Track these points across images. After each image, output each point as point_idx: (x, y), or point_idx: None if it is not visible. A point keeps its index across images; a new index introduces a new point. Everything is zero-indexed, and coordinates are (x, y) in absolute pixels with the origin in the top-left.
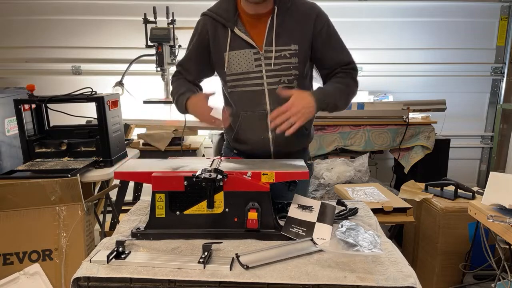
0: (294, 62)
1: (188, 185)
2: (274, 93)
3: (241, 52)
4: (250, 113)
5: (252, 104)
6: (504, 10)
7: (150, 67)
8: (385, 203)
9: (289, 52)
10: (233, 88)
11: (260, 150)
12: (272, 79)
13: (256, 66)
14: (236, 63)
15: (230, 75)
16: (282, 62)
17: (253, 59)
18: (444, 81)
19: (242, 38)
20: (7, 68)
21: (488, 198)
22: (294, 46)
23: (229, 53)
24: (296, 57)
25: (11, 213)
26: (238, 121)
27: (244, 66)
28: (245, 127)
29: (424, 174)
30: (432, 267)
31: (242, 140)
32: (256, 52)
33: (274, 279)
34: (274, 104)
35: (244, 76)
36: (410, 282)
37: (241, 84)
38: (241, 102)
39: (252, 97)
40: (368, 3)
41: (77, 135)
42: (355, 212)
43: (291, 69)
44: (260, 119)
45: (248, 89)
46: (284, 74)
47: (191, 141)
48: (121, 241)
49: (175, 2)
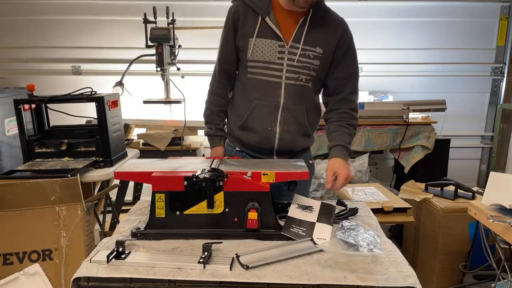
0: (316, 64)
1: (188, 185)
2: (289, 87)
3: (267, 41)
4: (263, 102)
5: (267, 94)
6: (504, 10)
7: (150, 67)
8: (385, 203)
9: (313, 53)
10: (251, 75)
11: (264, 142)
12: (291, 74)
13: (278, 58)
14: (260, 50)
15: (252, 61)
16: (305, 61)
17: (277, 51)
18: (444, 81)
19: (271, 28)
20: (7, 68)
21: (488, 198)
22: (319, 49)
23: (256, 40)
24: (318, 59)
25: (11, 213)
26: (250, 109)
27: (267, 55)
28: (255, 116)
29: (424, 174)
30: (432, 267)
31: (250, 128)
32: (281, 45)
33: (274, 279)
34: (288, 98)
35: (265, 65)
36: (410, 282)
37: (260, 73)
38: (257, 90)
39: (268, 87)
40: (368, 3)
41: (77, 135)
42: (355, 212)
43: (311, 70)
44: (271, 110)
45: (266, 79)
46: (303, 73)
47: (191, 141)
48: (121, 241)
49: (175, 2)
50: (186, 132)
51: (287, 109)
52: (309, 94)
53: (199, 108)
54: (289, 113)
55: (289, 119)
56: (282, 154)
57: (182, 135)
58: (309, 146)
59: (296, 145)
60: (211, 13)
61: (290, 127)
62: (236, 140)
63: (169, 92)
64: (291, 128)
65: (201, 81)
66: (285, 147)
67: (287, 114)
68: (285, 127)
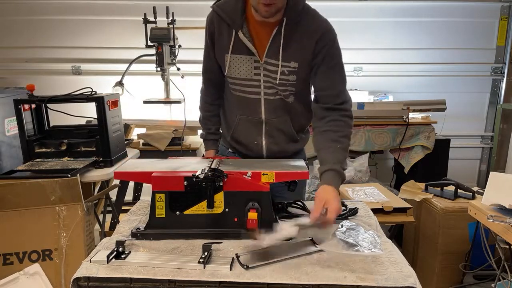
0: (292, 80)
1: (188, 185)
2: (269, 102)
3: (242, 57)
4: (246, 117)
5: (249, 110)
6: (504, 10)
7: (150, 67)
8: (385, 203)
9: (287, 69)
10: (233, 91)
11: (253, 153)
12: (269, 89)
13: (255, 75)
14: (236, 67)
15: (230, 77)
16: (280, 78)
17: (253, 67)
18: (444, 81)
19: (244, 43)
20: (7, 68)
21: (488, 198)
22: (294, 63)
23: (231, 56)
24: (294, 74)
25: (11, 213)
26: (235, 122)
27: (243, 73)
28: (241, 129)
29: (424, 174)
30: (432, 267)
31: (238, 141)
32: (256, 60)
33: (274, 279)
34: (270, 113)
35: (243, 82)
36: (410, 282)
37: (239, 89)
38: (239, 106)
39: (248, 103)
40: (367, 3)
41: (77, 135)
42: (355, 212)
43: (287, 86)
44: (255, 125)
45: (245, 96)
46: (280, 89)
47: (191, 141)
48: (121, 241)
49: (175, 2)
50: (186, 132)
51: (271, 123)
52: (293, 106)
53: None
54: (273, 126)
55: (273, 132)
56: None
57: (182, 135)
58: (300, 149)
59: (285, 152)
60: None
61: (276, 139)
62: (229, 144)
63: (169, 92)
64: (277, 139)
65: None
66: (274, 155)
67: (271, 127)
68: (271, 140)
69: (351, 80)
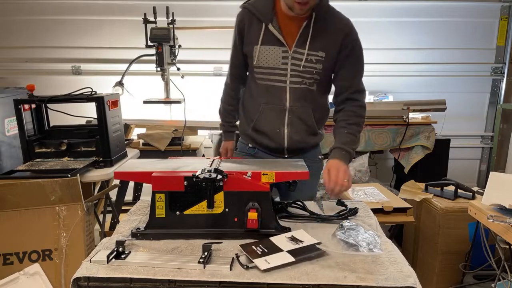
0: (318, 68)
1: (188, 185)
2: (294, 91)
3: (271, 48)
4: (270, 106)
5: (274, 98)
6: (504, 10)
7: (150, 67)
8: (385, 203)
9: (315, 57)
10: (258, 80)
11: (275, 143)
12: (295, 78)
13: (282, 64)
14: (265, 57)
15: (258, 67)
16: (307, 66)
17: (281, 56)
18: (444, 81)
19: (274, 35)
20: (7, 68)
21: (488, 198)
22: (322, 53)
23: (260, 47)
24: (321, 63)
25: (11, 213)
26: (259, 112)
27: (271, 62)
28: (264, 119)
29: (424, 174)
30: (432, 267)
31: (260, 131)
32: (285, 50)
33: (274, 279)
34: (294, 101)
35: (270, 70)
36: (410, 282)
37: (266, 78)
38: (264, 95)
39: (274, 91)
40: (368, 3)
41: (77, 135)
42: (355, 212)
43: (314, 74)
44: (278, 113)
45: (271, 84)
46: (306, 77)
47: (191, 141)
48: (121, 241)
49: (175, 2)
50: (186, 132)
51: (294, 112)
52: (315, 96)
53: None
54: (295, 115)
55: (296, 121)
56: (293, 152)
57: (182, 135)
58: (318, 143)
59: (305, 144)
60: (211, 13)
61: (298, 128)
62: (249, 138)
63: (169, 92)
64: (299, 129)
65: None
66: (294, 146)
67: (293, 116)
68: (293, 129)
69: None
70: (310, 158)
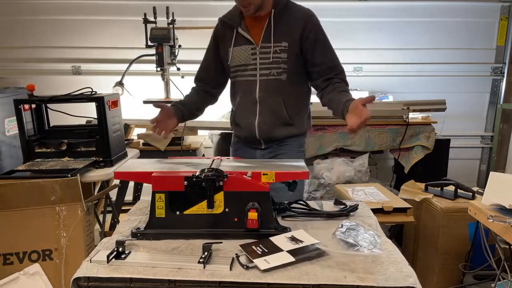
0: (284, 57)
1: (188, 185)
2: (263, 83)
3: (242, 47)
4: (244, 99)
5: (246, 92)
6: (504, 10)
7: (150, 67)
8: (385, 203)
9: (279, 48)
10: (234, 78)
11: (249, 134)
12: (264, 70)
13: (252, 60)
14: (237, 56)
15: (233, 67)
16: (273, 57)
17: (250, 53)
18: (444, 81)
19: (244, 36)
20: (7, 68)
21: (488, 198)
22: (284, 43)
23: (233, 49)
24: (285, 52)
25: (11, 213)
26: (236, 106)
27: (243, 59)
28: (239, 111)
29: (424, 174)
30: (432, 267)
31: (236, 123)
32: (253, 47)
33: (274, 279)
34: (263, 92)
35: (242, 68)
36: (410, 282)
37: (240, 75)
38: (239, 90)
39: (246, 86)
40: (368, 3)
41: (77, 135)
42: (356, 208)
43: (280, 63)
44: (251, 105)
45: (244, 79)
46: (273, 67)
47: (191, 141)
48: (121, 241)
49: (175, 2)
50: (186, 132)
51: (263, 103)
52: (285, 87)
53: None
54: (265, 107)
55: (265, 112)
56: (268, 142)
57: (182, 135)
58: (295, 134)
59: (276, 134)
60: (211, 13)
61: (267, 118)
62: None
63: (169, 92)
64: (267, 119)
65: None
66: (265, 136)
67: (263, 107)
68: (262, 119)
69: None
70: (290, 149)
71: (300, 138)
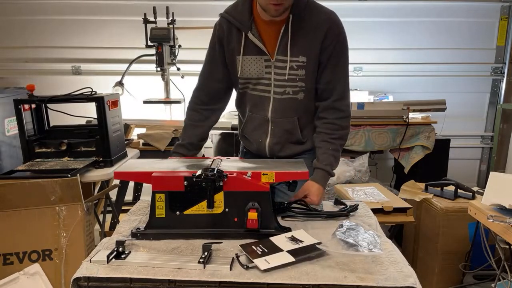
0: (301, 74)
1: (188, 185)
2: (276, 102)
3: (253, 58)
4: (255, 115)
5: (258, 108)
6: (504, 10)
7: (150, 67)
8: (385, 203)
9: (296, 63)
10: (244, 89)
11: (259, 152)
12: (278, 88)
13: (266, 73)
14: (248, 68)
15: (242, 78)
16: (289, 73)
17: (264, 65)
18: (444, 81)
19: (255, 44)
20: (7, 68)
21: (488, 198)
22: (303, 58)
23: (243, 58)
24: (303, 69)
25: (11, 213)
26: (245, 119)
27: (255, 72)
28: (249, 127)
29: (424, 174)
30: (432, 267)
31: (246, 137)
32: (267, 59)
33: (274, 279)
34: (276, 112)
35: (255, 81)
36: (410, 282)
37: (252, 88)
38: (249, 103)
39: (258, 101)
40: (368, 3)
41: (77, 135)
42: (355, 208)
43: (296, 81)
44: (262, 123)
45: (256, 94)
46: (289, 85)
47: None
48: (121, 241)
49: (175, 2)
50: None
51: (276, 123)
52: (300, 105)
53: None
54: (278, 127)
55: (278, 132)
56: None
57: None
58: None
59: (287, 152)
60: (211, 13)
61: (281, 139)
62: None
63: (169, 92)
64: (281, 139)
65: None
66: (276, 154)
67: (276, 127)
68: (274, 139)
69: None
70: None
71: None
